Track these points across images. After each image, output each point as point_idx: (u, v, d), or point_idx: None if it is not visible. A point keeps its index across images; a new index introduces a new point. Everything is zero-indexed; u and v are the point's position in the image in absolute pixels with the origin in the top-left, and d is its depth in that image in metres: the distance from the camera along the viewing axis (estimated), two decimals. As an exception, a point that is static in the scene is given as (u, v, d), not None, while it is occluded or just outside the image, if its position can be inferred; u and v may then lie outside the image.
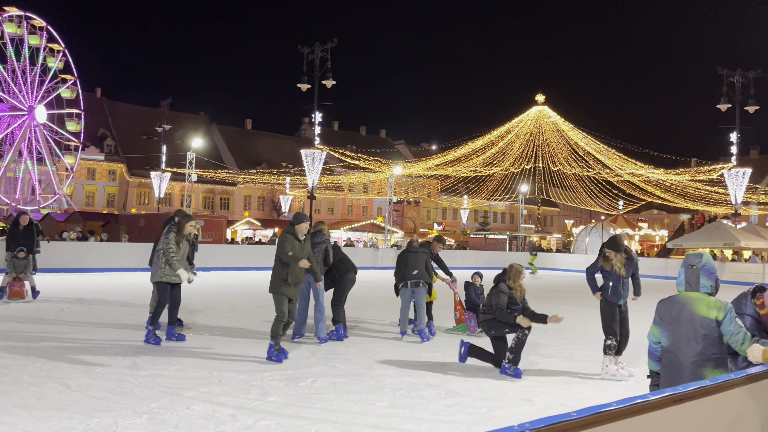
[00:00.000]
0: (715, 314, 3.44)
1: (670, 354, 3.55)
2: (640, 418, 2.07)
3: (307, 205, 31.16)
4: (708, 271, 3.56)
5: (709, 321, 3.44)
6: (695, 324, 3.46)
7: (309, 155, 27.91)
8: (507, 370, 6.77)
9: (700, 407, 2.39)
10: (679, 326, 3.51)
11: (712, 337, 3.43)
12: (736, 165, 31.21)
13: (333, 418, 5.02)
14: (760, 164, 61.91)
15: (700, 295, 3.51)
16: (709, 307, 3.46)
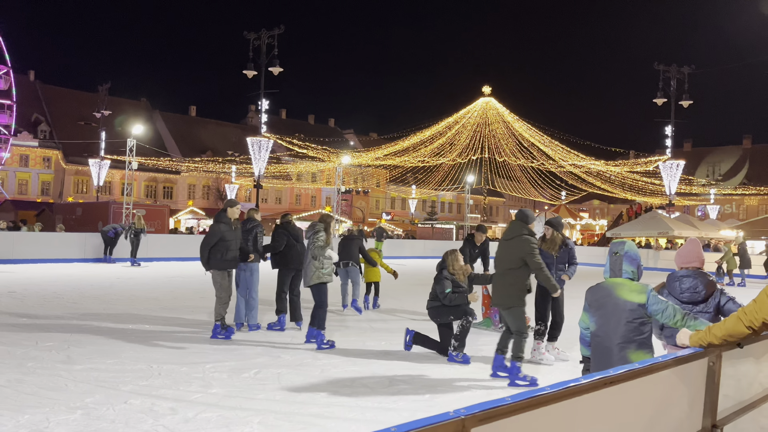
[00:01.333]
0: (638, 298, 3.58)
1: (597, 338, 3.71)
2: (573, 401, 2.12)
3: (254, 194, 30.66)
4: (630, 257, 3.69)
5: (631, 304, 3.58)
6: (619, 308, 3.59)
7: (255, 143, 27.44)
8: (455, 358, 6.86)
9: (630, 389, 2.47)
10: (605, 311, 3.65)
11: (635, 319, 3.57)
12: (670, 157, 32.55)
13: (276, 408, 4.97)
14: (693, 157, 64.87)
15: (623, 280, 3.65)
16: (631, 291, 3.60)
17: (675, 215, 32.45)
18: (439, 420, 1.71)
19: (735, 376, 3.39)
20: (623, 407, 2.51)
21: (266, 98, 27.84)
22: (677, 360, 2.82)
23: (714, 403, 3.05)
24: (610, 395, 2.34)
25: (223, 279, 7.83)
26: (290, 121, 67.82)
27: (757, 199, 64.20)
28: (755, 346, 3.53)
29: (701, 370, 2.99)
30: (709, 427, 3.02)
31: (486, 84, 50.55)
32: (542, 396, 1.98)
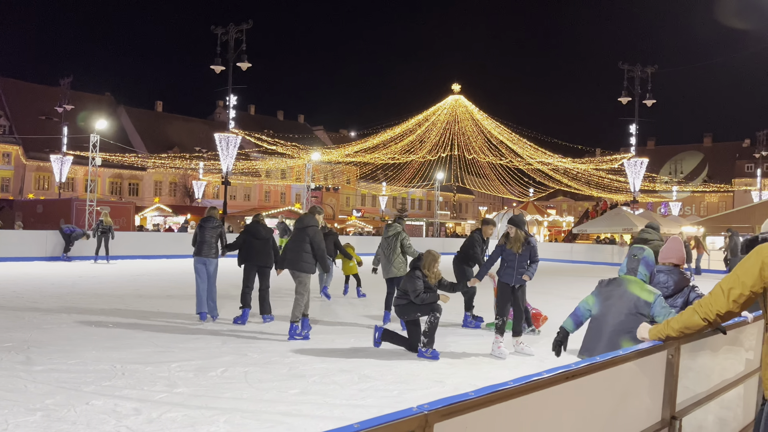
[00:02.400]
0: (647, 296, 3.87)
1: (596, 321, 4.00)
2: (535, 395, 2.14)
3: (222, 191, 30.30)
4: (647, 262, 4.01)
5: (638, 300, 3.84)
6: (625, 300, 3.88)
7: (223, 139, 27.09)
8: (424, 353, 6.89)
9: (592, 382, 2.51)
10: (612, 301, 3.94)
11: (636, 314, 3.83)
12: (634, 155, 33.25)
13: (243, 407, 4.92)
14: (657, 155, 66.43)
15: (636, 279, 3.96)
16: (642, 290, 3.89)
17: (639, 212, 33.17)
18: (402, 416, 1.71)
19: (694, 368, 3.49)
20: (585, 400, 2.55)
21: (234, 94, 27.50)
22: (638, 353, 2.88)
23: (673, 395, 3.13)
24: (572, 388, 2.38)
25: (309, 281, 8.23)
26: (259, 117, 67.13)
27: (717, 196, 66.10)
28: (713, 339, 3.63)
29: (660, 362, 3.06)
30: (668, 419, 3.09)
31: (455, 82, 50.87)
32: (505, 390, 2.00)
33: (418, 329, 7.09)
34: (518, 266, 7.33)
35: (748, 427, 4.27)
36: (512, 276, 7.32)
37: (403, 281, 7.32)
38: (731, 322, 3.62)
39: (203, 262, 8.90)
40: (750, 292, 2.59)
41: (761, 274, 2.56)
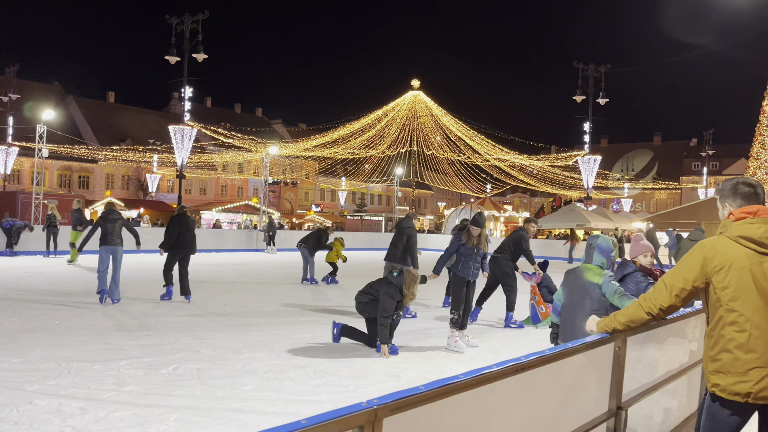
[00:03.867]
0: (597, 279, 4.31)
1: (566, 310, 4.45)
2: (485, 388, 2.16)
3: (177, 185, 29.64)
4: (601, 249, 4.39)
5: (592, 285, 4.30)
6: (584, 287, 4.33)
7: (178, 132, 26.51)
8: (380, 348, 6.88)
9: (541, 374, 2.55)
10: (573, 289, 4.39)
11: (592, 297, 4.30)
12: (588, 153, 34.05)
13: (195, 404, 4.82)
14: (609, 152, 68.18)
15: (591, 266, 4.39)
16: (594, 275, 4.34)
17: (592, 208, 34.03)
18: (351, 411, 1.70)
19: (640, 359, 3.59)
20: (535, 392, 2.59)
21: (190, 85, 26.95)
22: (586, 345, 2.94)
23: (619, 386, 3.21)
24: (522, 381, 2.40)
25: None
26: (216, 110, 65.90)
27: (666, 193, 68.38)
28: (658, 331, 3.74)
29: (608, 354, 3.13)
30: (614, 409, 3.17)
31: (415, 77, 51.03)
32: (455, 384, 2.01)
33: (376, 325, 7.08)
34: (475, 262, 7.43)
35: (692, 417, 4.42)
36: (469, 271, 7.39)
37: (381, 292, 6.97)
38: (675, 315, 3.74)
39: (111, 251, 9.88)
40: (692, 287, 2.67)
41: (702, 270, 2.64)
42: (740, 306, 2.56)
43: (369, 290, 7.19)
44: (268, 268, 18.11)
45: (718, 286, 2.61)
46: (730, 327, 2.59)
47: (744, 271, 2.56)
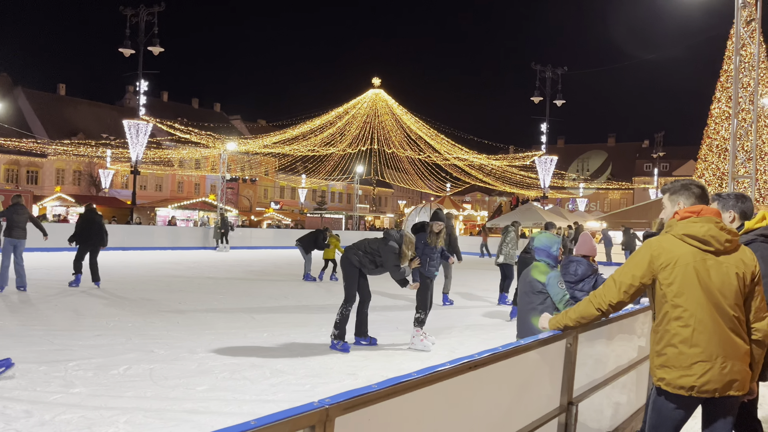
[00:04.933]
0: (541, 277, 4.46)
1: (519, 306, 4.66)
2: (438, 385, 2.17)
3: (131, 181, 28.89)
4: (538, 249, 4.60)
5: (536, 282, 4.46)
6: (530, 284, 4.51)
7: (133, 126, 25.85)
8: (336, 346, 6.88)
9: (494, 371, 2.58)
10: (523, 286, 4.61)
11: (537, 292, 4.46)
12: (545, 153, 34.71)
13: (146, 406, 4.70)
14: (566, 153, 69.67)
15: (538, 263, 4.58)
16: (539, 273, 4.48)
17: (548, 207, 34.73)
18: (302, 411, 1.68)
19: (591, 355, 3.67)
20: (488, 389, 2.61)
21: (145, 79, 26.35)
22: (539, 342, 2.99)
23: (571, 382, 3.27)
24: (475, 378, 2.43)
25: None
26: (172, 104, 64.48)
27: (619, 193, 70.28)
28: (608, 327, 3.84)
29: (560, 351, 3.19)
30: (566, 405, 3.23)
31: (375, 76, 51.02)
32: (408, 382, 2.01)
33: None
34: (437, 261, 7.44)
35: (640, 410, 4.55)
36: (434, 270, 7.42)
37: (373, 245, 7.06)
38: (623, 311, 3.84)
39: (14, 243, 10.31)
40: (639, 284, 2.75)
41: (649, 267, 2.72)
42: (684, 302, 2.64)
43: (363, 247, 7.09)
44: (225, 266, 17.84)
45: (663, 283, 2.69)
46: (674, 322, 2.67)
47: (688, 268, 2.65)
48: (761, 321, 2.74)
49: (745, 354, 2.67)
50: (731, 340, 2.63)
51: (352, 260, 7.01)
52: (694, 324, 2.63)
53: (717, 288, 2.64)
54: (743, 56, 27.95)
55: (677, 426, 2.75)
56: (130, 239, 22.92)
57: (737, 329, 2.66)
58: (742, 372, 2.66)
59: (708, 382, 2.61)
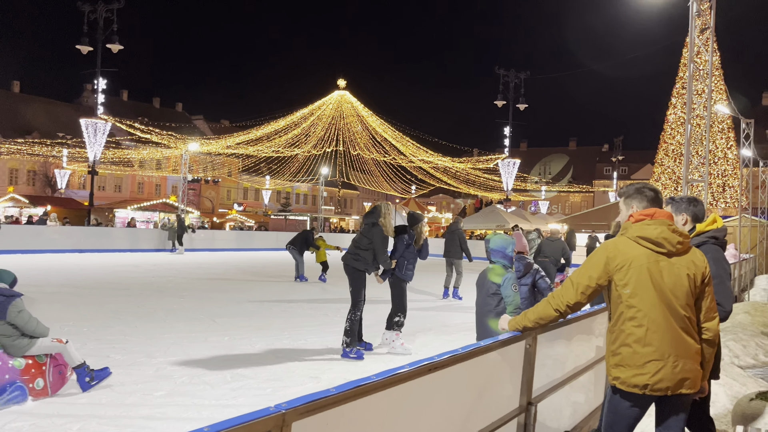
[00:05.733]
0: (497, 279, 4.59)
1: (476, 308, 4.75)
2: (398, 388, 2.16)
3: (89, 181, 28.14)
4: (493, 251, 4.69)
5: (492, 284, 4.60)
6: (486, 285, 4.64)
7: (90, 125, 25.19)
8: (348, 354, 6.72)
9: (454, 373, 2.58)
10: (480, 289, 4.70)
11: (494, 294, 4.58)
12: (508, 156, 35.17)
13: (101, 413, 4.57)
14: (528, 156, 70.79)
15: (494, 266, 4.70)
16: (495, 275, 4.61)
17: (511, 209, 35.18)
18: (258, 416, 1.65)
19: (551, 356, 3.72)
20: (449, 391, 2.62)
21: (104, 77, 25.67)
22: (499, 343, 3.01)
23: (530, 382, 3.31)
24: (435, 380, 2.42)
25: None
26: (132, 104, 63.10)
27: (580, 196, 71.73)
28: (567, 328, 3.90)
29: (519, 352, 3.22)
30: (525, 405, 3.27)
31: (341, 77, 50.92)
32: (366, 385, 2.00)
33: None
34: (414, 263, 7.38)
35: (598, 409, 4.63)
36: (412, 272, 7.31)
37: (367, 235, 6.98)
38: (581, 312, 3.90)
39: None
40: (596, 285, 2.81)
41: (606, 268, 2.78)
42: (638, 302, 2.70)
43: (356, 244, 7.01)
44: (187, 269, 17.51)
45: (619, 284, 2.74)
46: (629, 322, 2.72)
47: (642, 269, 2.71)
48: (711, 321, 2.82)
49: (696, 353, 2.74)
50: (683, 340, 2.70)
51: (356, 266, 6.88)
52: (647, 324, 2.68)
53: (669, 289, 2.70)
54: (698, 64, 28.87)
55: (632, 424, 2.81)
56: (87, 241, 22.32)
57: (688, 329, 2.73)
58: (693, 370, 2.72)
59: (661, 380, 2.67)
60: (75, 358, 5.03)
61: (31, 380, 4.72)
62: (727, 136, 36.85)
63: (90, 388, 5.04)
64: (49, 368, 4.87)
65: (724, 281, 3.32)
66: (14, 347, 4.68)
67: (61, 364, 5.00)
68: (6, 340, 4.66)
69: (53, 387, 4.90)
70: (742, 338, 8.37)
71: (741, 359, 7.75)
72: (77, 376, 5.05)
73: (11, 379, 4.57)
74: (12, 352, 4.69)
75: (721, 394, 5.14)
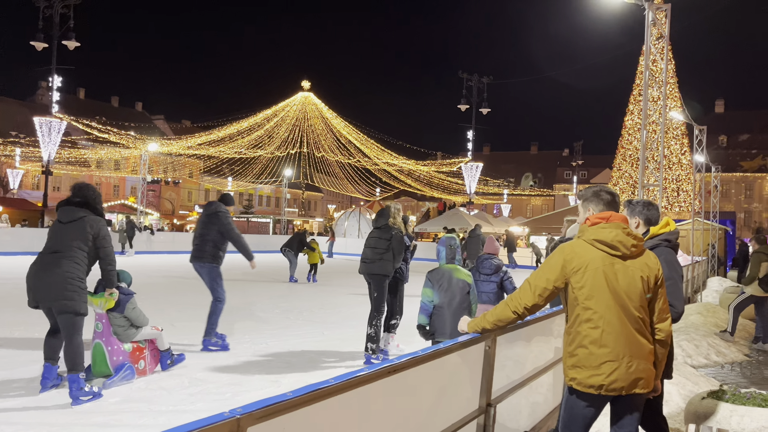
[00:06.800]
0: (468, 279, 4.90)
1: (441, 309, 4.83)
2: (357, 391, 2.14)
3: (43, 181, 27.28)
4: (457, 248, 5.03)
5: (464, 283, 4.85)
6: (458, 286, 4.84)
7: (45, 124, 24.41)
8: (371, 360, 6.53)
9: (414, 375, 2.58)
10: (448, 288, 4.82)
11: (466, 294, 4.85)
12: (471, 159, 35.54)
13: (52, 420, 4.42)
14: (491, 160, 71.66)
15: (453, 265, 4.94)
16: (463, 274, 4.90)
17: (474, 212, 35.55)
18: (212, 422, 1.61)
19: (510, 357, 3.75)
20: (408, 393, 2.61)
21: (59, 74, 24.98)
22: (459, 345, 3.02)
23: (489, 383, 3.33)
24: (395, 383, 2.41)
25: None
26: (90, 102, 61.52)
27: (541, 199, 73.00)
28: (526, 329, 3.94)
29: (479, 353, 3.24)
30: (484, 406, 3.28)
31: (305, 79, 50.65)
32: (324, 389, 1.97)
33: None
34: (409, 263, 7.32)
35: (556, 409, 4.70)
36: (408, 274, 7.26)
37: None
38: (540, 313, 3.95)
39: None
40: (553, 287, 2.85)
41: (562, 271, 2.82)
42: (594, 304, 2.75)
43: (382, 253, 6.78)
44: (146, 271, 17.11)
45: (575, 286, 2.78)
46: (585, 324, 2.77)
47: (598, 272, 2.76)
48: (664, 322, 2.88)
49: (649, 353, 2.80)
50: (636, 341, 2.75)
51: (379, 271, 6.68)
52: (603, 326, 2.73)
53: (624, 291, 2.75)
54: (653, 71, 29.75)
55: (588, 423, 2.86)
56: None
57: (642, 330, 2.78)
58: (647, 370, 2.78)
59: (616, 380, 2.71)
60: (165, 344, 6.03)
61: (136, 361, 5.70)
62: (682, 142, 38.04)
63: (168, 368, 6.00)
64: (148, 351, 5.87)
65: (676, 283, 3.41)
66: (126, 335, 5.62)
67: (155, 348, 5.96)
68: (120, 330, 5.59)
69: (150, 367, 5.88)
70: (694, 338, 8.62)
71: (694, 359, 7.99)
72: (161, 358, 6.01)
73: (124, 360, 5.55)
74: (123, 339, 5.61)
75: (674, 393, 5.28)
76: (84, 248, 5.03)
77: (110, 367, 5.43)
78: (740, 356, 8.49)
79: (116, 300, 5.46)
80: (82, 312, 4.93)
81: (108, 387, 5.26)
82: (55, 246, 5.12)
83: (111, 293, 5.37)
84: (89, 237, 5.05)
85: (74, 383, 4.79)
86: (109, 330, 5.51)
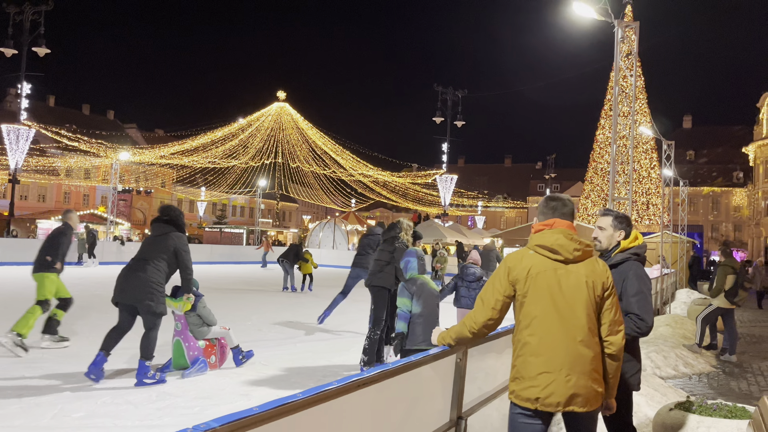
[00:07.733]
0: (437, 289, 5.28)
1: (421, 317, 5.01)
2: (325, 405, 2.11)
3: (9, 190, 26.64)
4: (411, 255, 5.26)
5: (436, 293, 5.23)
6: (431, 295, 5.13)
7: (12, 132, 23.90)
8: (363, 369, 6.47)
9: (385, 388, 2.55)
10: (426, 297, 5.07)
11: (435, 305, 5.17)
12: (445, 172, 35.77)
13: (12, 437, 4.27)
14: (466, 172, 72.22)
15: (426, 277, 5.24)
16: (433, 286, 5.24)
17: (449, 224, 35.72)
18: (174, 439, 1.56)
19: (482, 368, 3.75)
20: (378, 407, 2.58)
21: (28, 81, 24.46)
22: (431, 357, 3.00)
23: (460, 396, 3.31)
24: (365, 396, 2.38)
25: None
26: (60, 110, 60.42)
27: (515, 212, 73.75)
28: (497, 342, 3.94)
29: (450, 366, 3.23)
30: (455, 419, 3.27)
31: (281, 89, 50.55)
32: (292, 404, 1.94)
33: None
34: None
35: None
36: None
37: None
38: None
39: None
40: (503, 297, 2.76)
41: (508, 279, 2.75)
42: (533, 309, 2.67)
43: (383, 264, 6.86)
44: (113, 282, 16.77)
45: (519, 293, 2.73)
46: (525, 331, 2.68)
47: (539, 277, 2.69)
48: (615, 335, 2.72)
49: (593, 369, 2.63)
50: (578, 352, 2.60)
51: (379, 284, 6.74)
52: (540, 333, 2.63)
53: (566, 297, 2.65)
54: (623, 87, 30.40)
55: None
56: (5, 254, 21.03)
57: (587, 341, 2.63)
58: (587, 387, 2.60)
59: (551, 394, 2.56)
60: (233, 341, 6.69)
61: (207, 356, 6.44)
62: (651, 156, 38.88)
63: (241, 364, 6.72)
64: (217, 348, 6.61)
65: (646, 297, 3.42)
66: (199, 332, 6.41)
67: (224, 345, 6.68)
68: (194, 327, 6.39)
69: (220, 361, 6.62)
70: (663, 349, 8.75)
71: (662, 370, 8.10)
72: (233, 354, 6.71)
73: (198, 355, 6.33)
74: (197, 336, 6.39)
75: (642, 404, 5.34)
76: (165, 258, 5.98)
77: (188, 361, 6.25)
78: (708, 367, 8.63)
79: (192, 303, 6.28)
80: (161, 312, 5.91)
81: (186, 377, 6.10)
82: (143, 254, 6.05)
83: (188, 297, 6.21)
84: (171, 249, 6.03)
85: (142, 368, 5.74)
86: (186, 329, 6.38)
